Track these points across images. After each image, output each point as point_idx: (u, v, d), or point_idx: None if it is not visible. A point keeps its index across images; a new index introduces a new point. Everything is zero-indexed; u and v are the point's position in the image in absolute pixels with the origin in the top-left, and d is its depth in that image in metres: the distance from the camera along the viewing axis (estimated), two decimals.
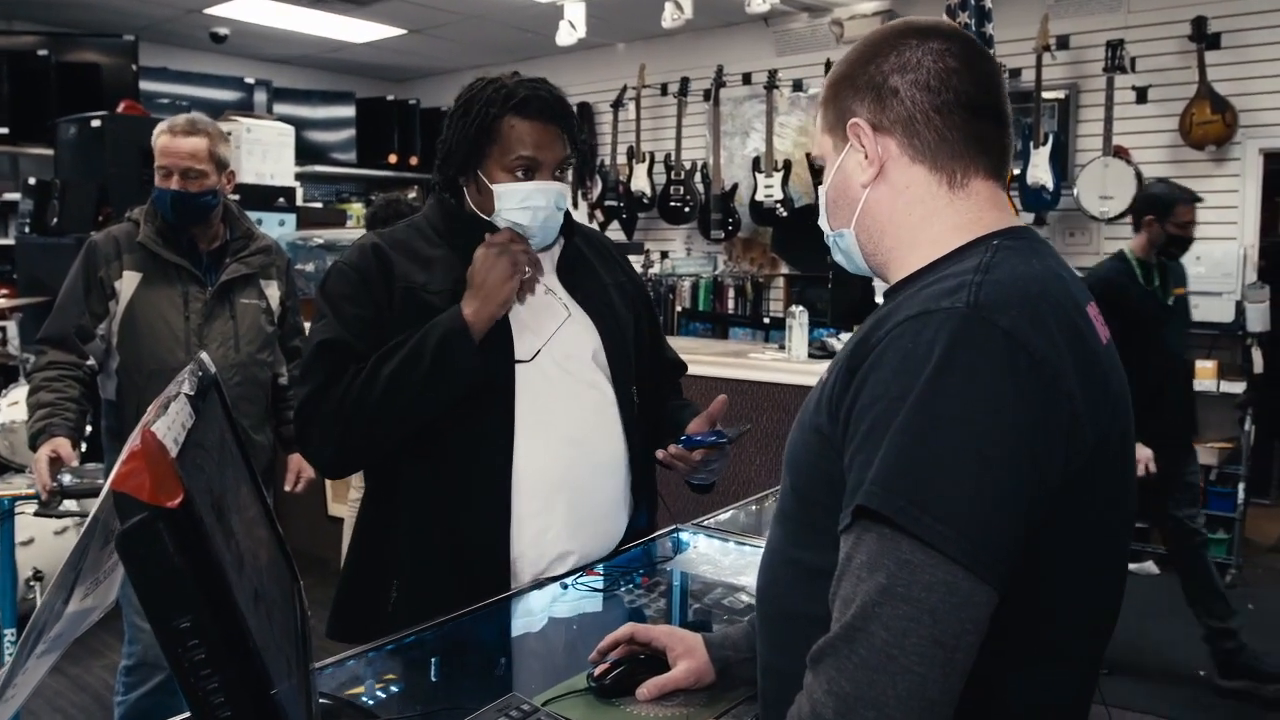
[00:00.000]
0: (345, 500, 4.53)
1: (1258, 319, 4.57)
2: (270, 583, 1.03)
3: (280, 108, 7.17)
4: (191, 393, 0.90)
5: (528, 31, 6.68)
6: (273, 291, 2.68)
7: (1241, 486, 4.64)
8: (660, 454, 1.69)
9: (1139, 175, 4.81)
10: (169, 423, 0.78)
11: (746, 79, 6.47)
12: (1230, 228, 4.83)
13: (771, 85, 6.21)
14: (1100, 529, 0.91)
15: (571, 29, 5.79)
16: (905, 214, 1.01)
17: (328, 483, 4.86)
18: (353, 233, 6.87)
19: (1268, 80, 4.72)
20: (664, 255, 7.00)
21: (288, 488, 2.83)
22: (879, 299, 3.41)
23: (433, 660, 1.48)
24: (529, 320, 1.64)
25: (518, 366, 1.61)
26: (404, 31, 6.77)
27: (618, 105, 6.85)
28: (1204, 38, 4.74)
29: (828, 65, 5.91)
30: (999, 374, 0.82)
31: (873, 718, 0.78)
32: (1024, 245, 0.97)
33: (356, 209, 7.85)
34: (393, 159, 7.81)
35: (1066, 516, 0.86)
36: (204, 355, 1.26)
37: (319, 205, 7.44)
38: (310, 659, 1.12)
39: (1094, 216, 4.92)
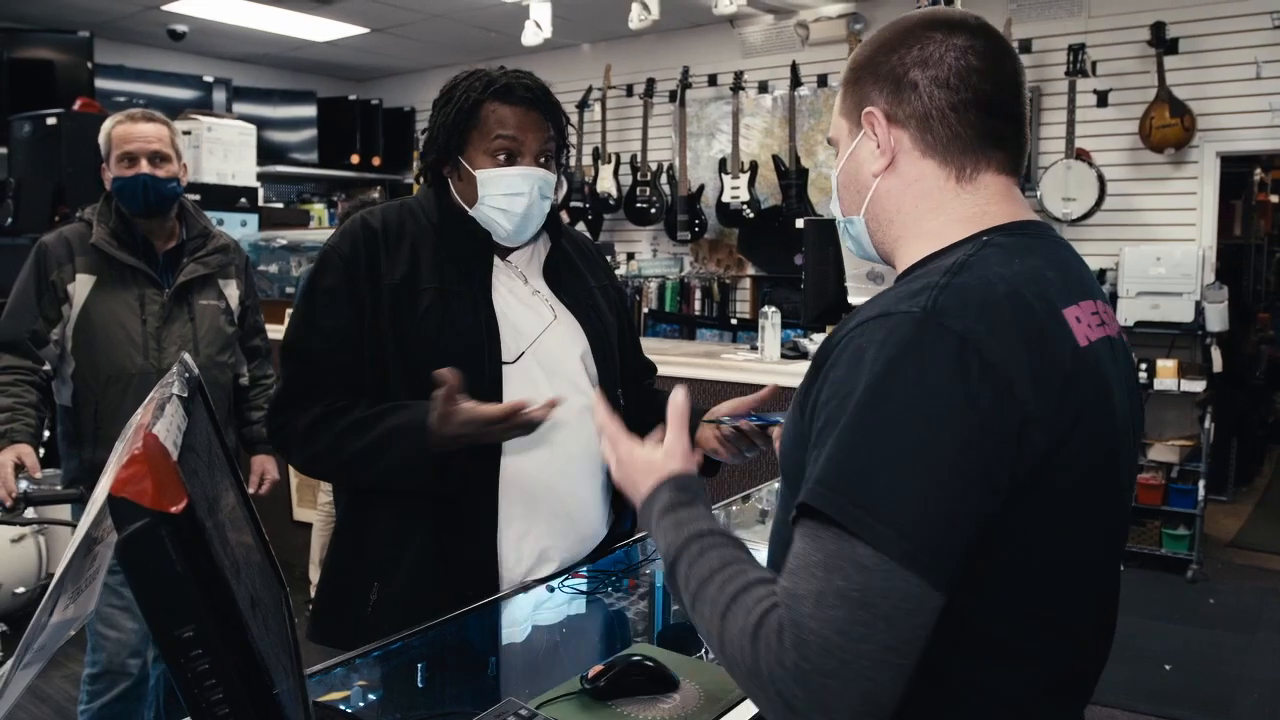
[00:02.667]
0: (314, 505, 4.47)
1: (1216, 319, 4.65)
2: (262, 589, 1.00)
3: (240, 107, 7.06)
4: (184, 394, 0.87)
5: (492, 31, 6.63)
6: (232, 291, 2.63)
7: (1202, 484, 4.73)
8: (724, 428, 1.63)
9: (1101, 178, 4.88)
10: (167, 425, 0.75)
11: (712, 80, 6.48)
12: (1189, 229, 4.92)
13: (738, 87, 6.22)
14: (1063, 531, 0.90)
15: (537, 29, 5.76)
16: (913, 205, 1.01)
17: (293, 487, 4.79)
18: (316, 234, 6.79)
19: (1224, 85, 4.81)
20: (630, 257, 6.99)
21: (251, 490, 2.77)
22: (853, 300, 3.38)
23: (419, 665, 1.46)
24: (516, 321, 1.62)
25: (504, 368, 1.59)
26: (366, 30, 6.70)
27: (583, 106, 6.83)
28: (1163, 43, 4.82)
29: (793, 67, 5.94)
30: (948, 377, 0.82)
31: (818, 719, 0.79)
32: (1017, 242, 0.96)
33: (319, 210, 7.76)
34: (355, 159, 7.73)
35: (1019, 518, 0.86)
36: (186, 356, 1.23)
37: (280, 206, 7.34)
38: (302, 666, 1.10)
39: (1057, 218, 4.98)
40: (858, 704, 0.78)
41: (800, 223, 4.54)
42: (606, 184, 6.71)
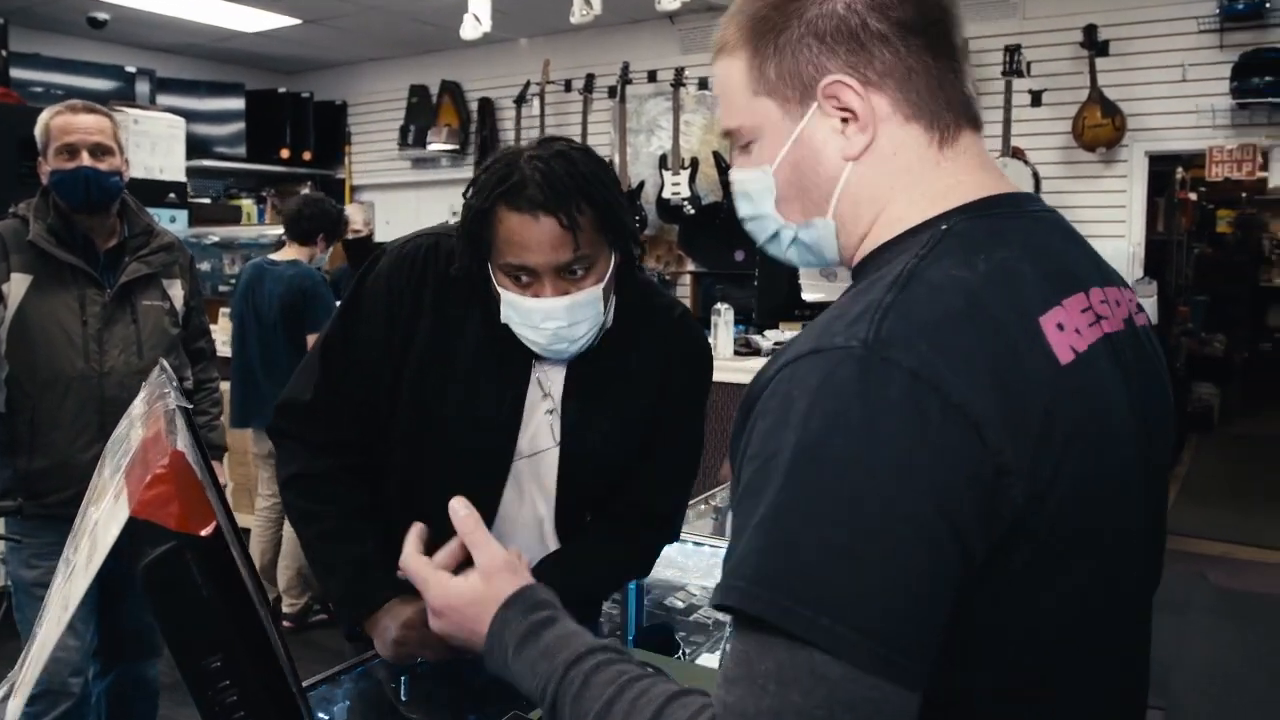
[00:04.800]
0: (251, 509, 4.34)
1: (1148, 312, 4.78)
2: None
3: (164, 98, 6.82)
4: (188, 406, 0.82)
5: (429, 24, 6.52)
6: (176, 291, 2.53)
7: None
8: None
9: (1036, 175, 4.99)
10: (186, 441, 0.70)
11: (652, 76, 6.46)
12: (1120, 226, 5.05)
13: (678, 83, 6.21)
14: (1053, 591, 0.74)
15: (477, 23, 5.66)
16: (888, 187, 0.81)
17: (228, 492, 4.65)
18: (249, 231, 6.61)
19: (1153, 86, 4.95)
20: None
21: None
22: (807, 296, 3.38)
23: (402, 679, 1.42)
24: (531, 430, 1.46)
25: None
26: (299, 21, 6.53)
27: (520, 101, 6.76)
28: (1094, 45, 4.94)
29: None
30: (900, 427, 0.66)
31: None
32: (982, 225, 0.78)
33: (248, 205, 7.55)
34: (285, 154, 7.52)
35: (998, 586, 0.71)
36: (164, 361, 1.17)
37: (207, 201, 7.12)
38: (301, 686, 1.05)
39: None
40: None
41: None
42: None
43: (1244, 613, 4.45)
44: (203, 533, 0.63)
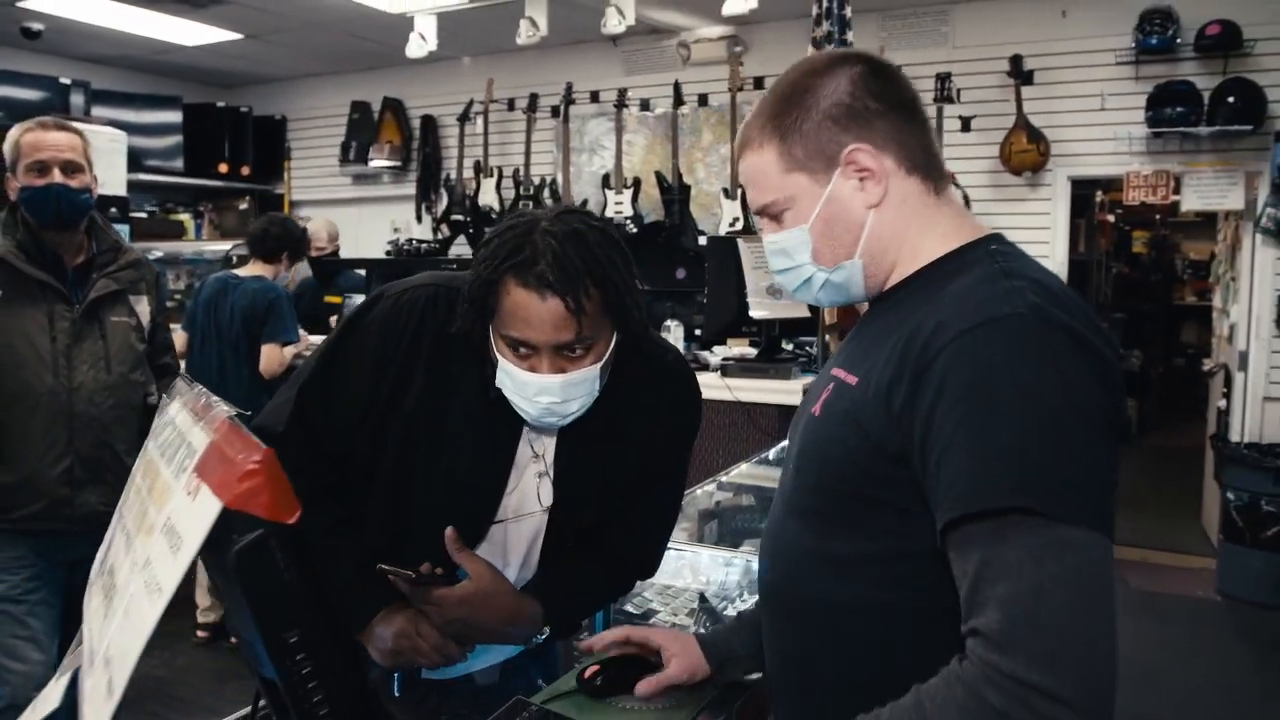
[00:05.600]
0: None
1: None
2: None
3: (99, 110, 6.72)
4: (246, 414, 0.90)
5: (372, 41, 6.55)
6: (143, 308, 2.55)
7: None
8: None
9: (966, 198, 5.21)
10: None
11: (594, 97, 6.58)
12: (1044, 247, 5.30)
13: (621, 104, 6.34)
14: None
15: (422, 41, 5.73)
16: (905, 226, 1.06)
17: None
18: (187, 245, 6.54)
19: (1075, 115, 5.22)
20: None
21: None
22: (755, 314, 3.50)
23: (394, 676, 1.48)
24: (519, 492, 1.46)
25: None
26: (240, 36, 6.51)
27: (464, 119, 6.82)
28: (1020, 74, 5.20)
29: (676, 86, 6.09)
30: (1076, 364, 0.90)
31: (1077, 688, 0.84)
32: (1014, 250, 1.06)
33: (185, 220, 7.47)
34: (223, 168, 7.47)
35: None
36: (181, 379, 1.23)
37: (144, 215, 7.03)
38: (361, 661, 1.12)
39: None
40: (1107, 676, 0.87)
41: (704, 239, 4.69)
42: (489, 197, 6.71)
43: (1162, 613, 4.69)
44: (290, 520, 0.71)
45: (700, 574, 2.18)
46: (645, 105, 6.49)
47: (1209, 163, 4.96)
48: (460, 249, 6.83)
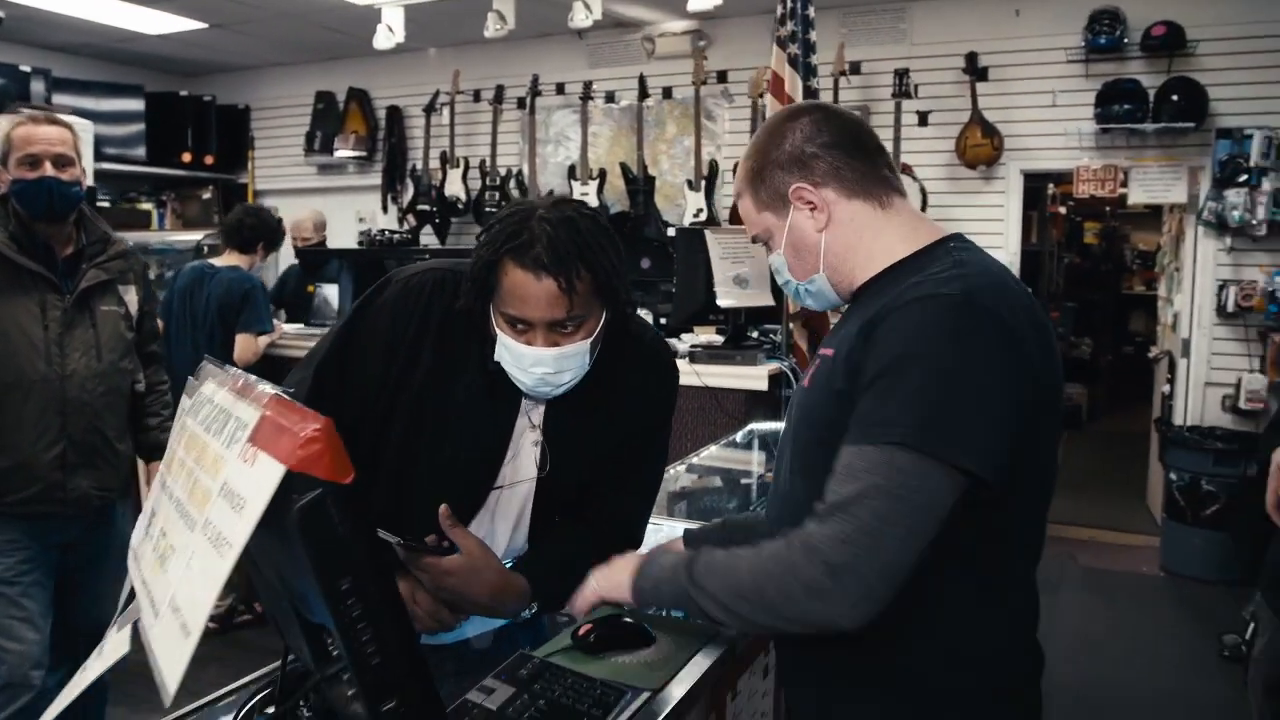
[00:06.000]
0: None
1: None
2: None
3: (60, 98, 6.67)
4: (290, 390, 1.00)
5: (339, 32, 6.58)
6: (131, 297, 2.62)
7: None
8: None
9: (923, 190, 5.38)
10: None
11: (560, 89, 6.66)
12: (999, 238, 5.48)
13: (586, 96, 6.43)
14: (1049, 451, 1.23)
15: (390, 33, 5.78)
16: (857, 238, 1.30)
17: (144, 497, 4.64)
18: (153, 235, 6.53)
19: (1027, 110, 5.40)
20: None
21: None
22: (722, 303, 3.64)
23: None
24: (516, 461, 1.58)
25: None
26: (205, 25, 6.50)
27: (430, 110, 6.87)
28: (975, 71, 5.36)
29: (641, 79, 6.19)
30: (989, 340, 1.12)
31: (850, 570, 1.08)
32: (972, 247, 1.28)
33: (147, 208, 7.45)
34: (186, 158, 7.45)
35: (1029, 440, 1.15)
36: (208, 356, 1.33)
37: (107, 204, 7.00)
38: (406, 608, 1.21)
39: None
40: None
41: (672, 231, 4.80)
42: (455, 187, 6.77)
43: (1109, 589, 4.91)
44: (346, 480, 0.82)
45: None
46: (610, 97, 6.58)
47: (1154, 158, 5.16)
48: (428, 239, 6.89)
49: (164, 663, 0.85)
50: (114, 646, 0.97)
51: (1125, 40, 5.09)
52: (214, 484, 0.94)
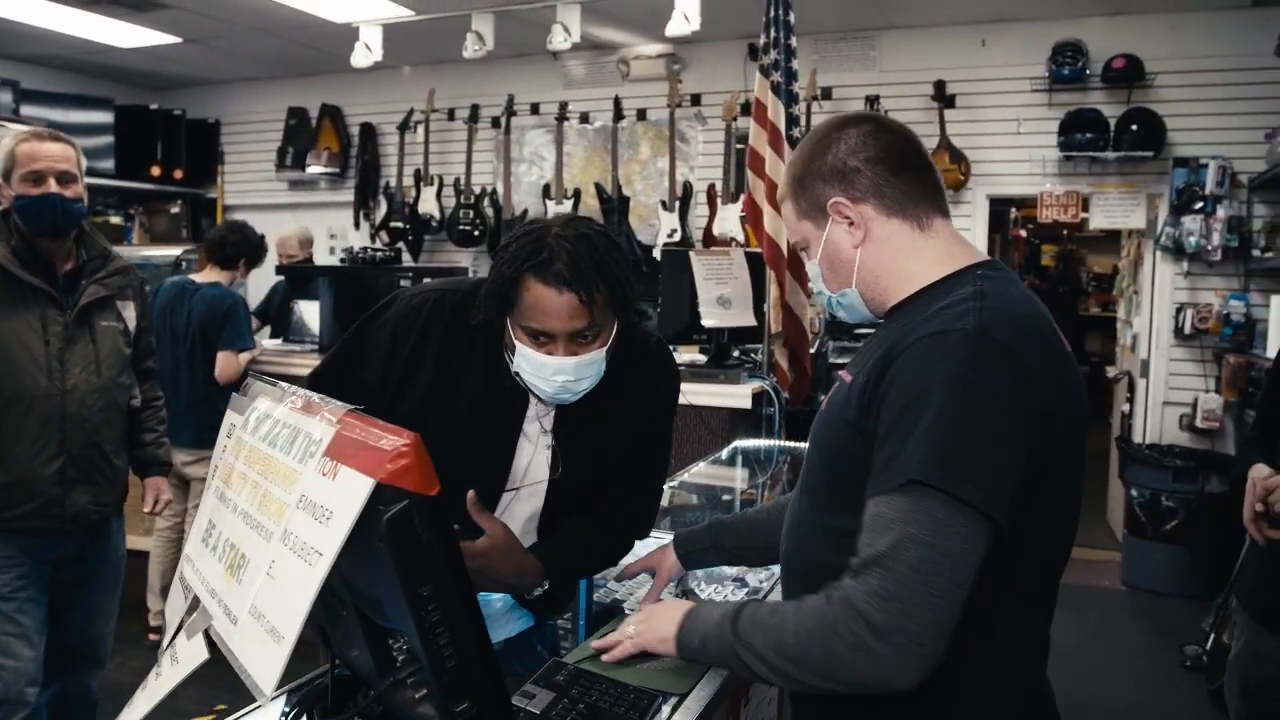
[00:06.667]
0: (146, 532, 4.33)
1: None
2: None
3: (27, 109, 6.61)
4: (360, 407, 1.05)
5: (313, 49, 6.60)
6: (130, 313, 2.64)
7: None
8: None
9: None
10: None
11: (535, 109, 6.73)
12: None
13: (561, 117, 6.50)
14: (1066, 492, 1.20)
15: (368, 51, 5.82)
16: (892, 258, 1.27)
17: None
18: (127, 251, 6.46)
19: (993, 137, 5.57)
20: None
21: (147, 509, 2.78)
22: (706, 322, 3.73)
23: None
24: (526, 467, 1.66)
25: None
26: (179, 40, 6.48)
27: (404, 128, 6.90)
28: (943, 98, 5.52)
29: (616, 101, 6.28)
30: (999, 376, 1.10)
31: (897, 626, 1.05)
32: (1000, 275, 1.25)
33: (115, 222, 7.39)
34: (156, 171, 7.40)
35: (1043, 480, 1.13)
36: (252, 373, 1.37)
37: None
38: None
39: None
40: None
41: (658, 252, 4.87)
42: (429, 205, 6.80)
43: (1072, 602, 5.03)
44: (433, 493, 0.88)
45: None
46: (585, 118, 6.66)
47: (1114, 185, 5.35)
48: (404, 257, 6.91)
49: (254, 667, 0.89)
50: (190, 654, 1.01)
51: (1087, 71, 5.28)
52: (289, 496, 0.99)
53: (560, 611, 1.85)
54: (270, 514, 1.01)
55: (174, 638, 1.11)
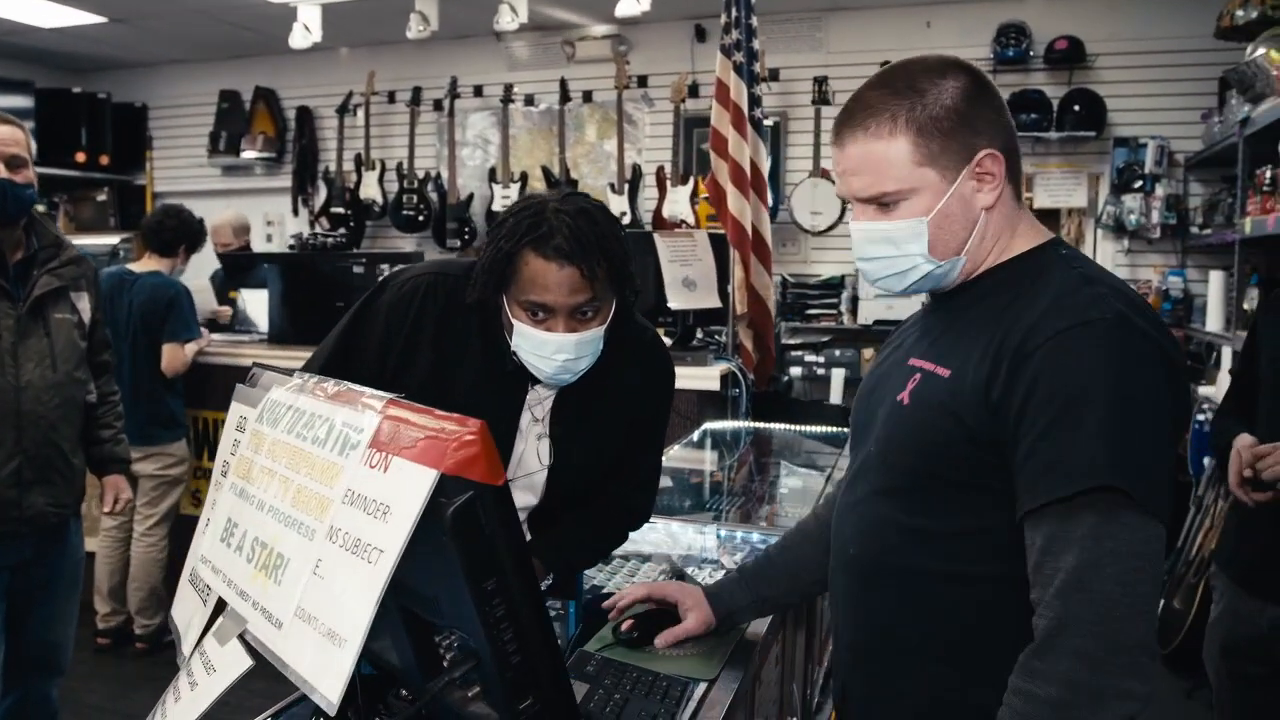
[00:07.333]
0: (96, 533, 4.18)
1: None
2: None
3: None
4: (400, 396, 1.00)
5: (247, 29, 6.40)
6: (84, 304, 2.52)
7: None
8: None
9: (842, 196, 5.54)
10: None
11: (478, 91, 6.62)
12: None
13: (507, 99, 6.41)
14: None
15: (306, 32, 5.66)
16: (1002, 228, 1.18)
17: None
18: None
19: None
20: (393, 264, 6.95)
21: (106, 509, 2.66)
22: (673, 305, 3.68)
23: None
24: (522, 457, 1.63)
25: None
26: (104, 19, 6.23)
27: (343, 111, 6.74)
28: None
29: (562, 83, 6.20)
30: (1153, 368, 1.05)
31: (1114, 649, 0.99)
32: (1080, 255, 1.20)
33: (40, 211, 7.08)
34: (81, 157, 7.12)
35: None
36: (256, 364, 1.31)
37: None
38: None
39: (806, 229, 5.61)
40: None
41: None
42: (371, 190, 6.66)
43: None
44: (499, 483, 0.84)
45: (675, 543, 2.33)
46: (530, 100, 6.57)
47: (1057, 164, 5.45)
48: None
49: (312, 673, 0.85)
50: (229, 661, 0.96)
51: (1030, 53, 5.36)
52: (331, 491, 0.94)
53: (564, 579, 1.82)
54: (309, 510, 0.96)
55: (198, 643, 1.05)
